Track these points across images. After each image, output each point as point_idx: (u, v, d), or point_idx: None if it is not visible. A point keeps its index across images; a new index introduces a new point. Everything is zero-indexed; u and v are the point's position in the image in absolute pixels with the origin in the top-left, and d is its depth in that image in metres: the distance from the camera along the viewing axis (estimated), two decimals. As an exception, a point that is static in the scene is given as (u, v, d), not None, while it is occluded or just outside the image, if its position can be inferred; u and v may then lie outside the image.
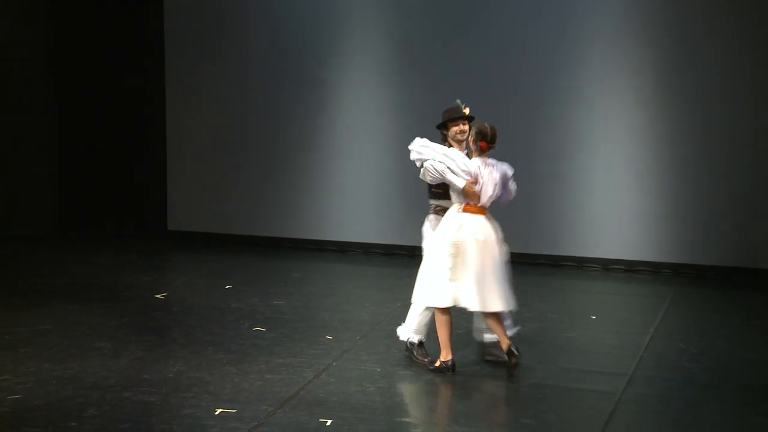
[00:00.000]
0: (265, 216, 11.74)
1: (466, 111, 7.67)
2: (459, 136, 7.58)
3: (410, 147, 7.54)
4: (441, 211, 7.61)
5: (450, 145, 7.60)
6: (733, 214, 10.40)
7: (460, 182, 7.37)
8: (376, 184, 11.32)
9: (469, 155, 7.54)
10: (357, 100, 11.34)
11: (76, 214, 12.49)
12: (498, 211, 11.07)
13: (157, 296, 9.54)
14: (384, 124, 11.23)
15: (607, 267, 10.76)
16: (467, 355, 7.89)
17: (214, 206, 11.92)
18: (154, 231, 12.11)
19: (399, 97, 11.15)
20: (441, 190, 7.62)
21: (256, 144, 11.71)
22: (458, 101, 7.69)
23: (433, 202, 7.72)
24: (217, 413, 6.66)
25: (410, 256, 10.91)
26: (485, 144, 7.44)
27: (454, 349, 7.50)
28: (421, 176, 7.56)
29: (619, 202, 10.70)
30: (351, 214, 11.40)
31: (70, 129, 12.44)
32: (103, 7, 12.24)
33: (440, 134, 7.71)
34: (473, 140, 7.48)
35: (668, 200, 10.57)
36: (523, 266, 10.82)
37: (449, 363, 7.44)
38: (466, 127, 7.58)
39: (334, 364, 7.68)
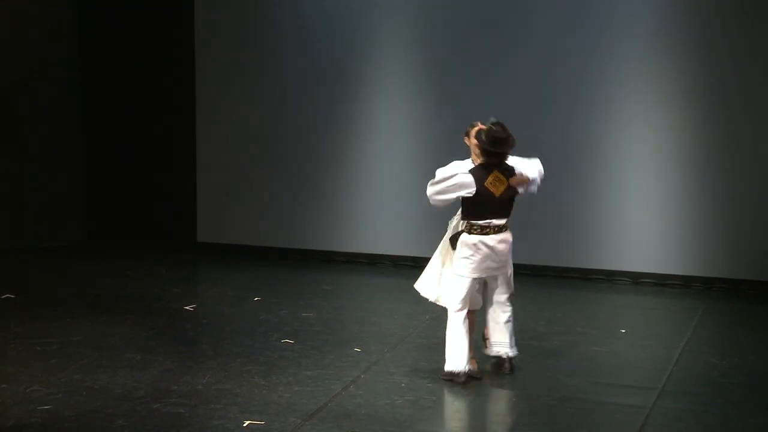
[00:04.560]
0: (294, 228, 11.76)
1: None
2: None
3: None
4: None
5: None
6: (766, 227, 10.32)
7: None
8: (405, 196, 11.31)
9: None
10: (387, 114, 11.35)
11: (105, 226, 12.55)
12: (528, 224, 11.09)
13: (187, 308, 9.57)
14: (415, 137, 11.24)
15: (637, 280, 10.70)
16: (494, 369, 7.87)
17: (244, 218, 11.96)
18: (183, 243, 12.16)
19: (430, 110, 11.15)
20: None
21: (286, 157, 11.73)
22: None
23: None
24: (245, 425, 6.67)
25: (439, 268, 10.92)
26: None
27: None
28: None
29: (650, 215, 10.64)
30: (381, 226, 11.40)
31: (100, 140, 12.51)
32: (133, 18, 12.30)
33: None
34: None
35: (699, 213, 10.50)
36: (552, 279, 10.80)
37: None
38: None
39: (362, 376, 7.67)
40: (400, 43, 11.28)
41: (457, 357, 7.56)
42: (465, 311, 7.61)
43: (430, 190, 7.63)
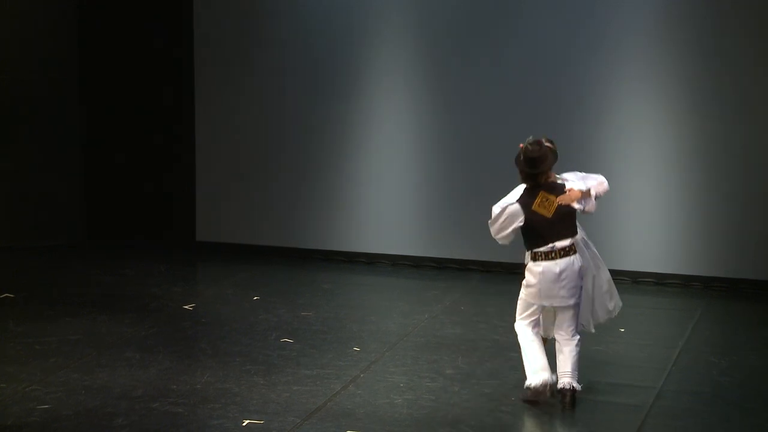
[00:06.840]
0: (293, 227, 11.74)
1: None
2: None
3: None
4: None
5: None
6: (766, 227, 10.31)
7: None
8: (404, 196, 11.31)
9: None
10: (386, 113, 11.33)
11: (104, 225, 12.53)
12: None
13: (186, 307, 9.57)
14: (413, 137, 11.23)
15: (636, 280, 10.69)
16: (492, 368, 7.87)
17: (243, 217, 11.94)
18: (182, 242, 12.14)
19: (430, 109, 11.13)
20: None
21: (285, 155, 11.72)
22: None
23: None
24: (244, 424, 6.67)
25: (438, 268, 10.93)
26: None
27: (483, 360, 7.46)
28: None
29: (650, 215, 10.63)
30: (379, 226, 11.39)
31: (99, 139, 12.48)
32: (132, 18, 12.29)
33: None
34: None
35: (699, 213, 10.48)
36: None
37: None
38: None
39: (361, 375, 7.67)
40: (400, 43, 11.26)
41: (533, 370, 7.13)
42: (529, 321, 7.23)
43: (491, 230, 7.24)
